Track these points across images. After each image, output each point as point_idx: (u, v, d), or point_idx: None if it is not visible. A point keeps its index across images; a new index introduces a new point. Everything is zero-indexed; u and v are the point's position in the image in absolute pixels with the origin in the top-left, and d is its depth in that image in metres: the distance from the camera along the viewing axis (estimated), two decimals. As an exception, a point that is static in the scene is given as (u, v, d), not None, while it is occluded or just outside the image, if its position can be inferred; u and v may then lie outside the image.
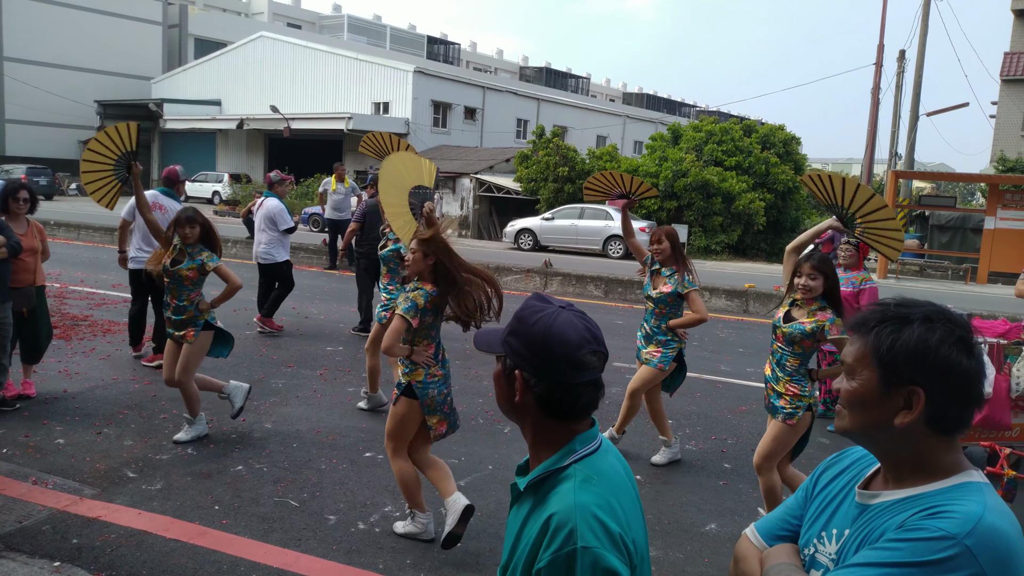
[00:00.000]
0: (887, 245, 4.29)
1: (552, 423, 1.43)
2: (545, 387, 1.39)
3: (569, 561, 1.25)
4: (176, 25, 45.03)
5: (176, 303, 5.15)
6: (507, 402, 1.47)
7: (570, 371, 1.39)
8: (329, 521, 4.14)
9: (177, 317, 5.15)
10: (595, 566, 1.25)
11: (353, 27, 58.02)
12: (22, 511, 4.05)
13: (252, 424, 5.61)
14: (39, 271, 6.01)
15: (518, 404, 1.44)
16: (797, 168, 25.66)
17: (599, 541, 1.27)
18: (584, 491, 1.33)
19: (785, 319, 4.02)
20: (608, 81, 77.80)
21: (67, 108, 38.64)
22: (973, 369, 1.26)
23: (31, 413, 5.57)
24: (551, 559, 1.27)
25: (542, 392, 1.40)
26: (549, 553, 1.27)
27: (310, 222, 23.29)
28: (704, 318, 5.03)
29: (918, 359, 1.25)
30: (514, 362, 1.43)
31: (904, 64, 22.77)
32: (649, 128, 42.11)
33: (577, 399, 1.40)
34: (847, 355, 1.35)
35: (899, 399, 1.27)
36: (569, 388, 1.39)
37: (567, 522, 1.28)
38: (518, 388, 1.42)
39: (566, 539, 1.27)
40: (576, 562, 1.25)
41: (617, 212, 20.71)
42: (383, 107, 32.48)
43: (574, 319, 1.42)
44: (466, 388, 6.86)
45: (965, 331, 1.27)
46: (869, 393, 1.30)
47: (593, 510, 1.30)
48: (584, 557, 1.25)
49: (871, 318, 1.32)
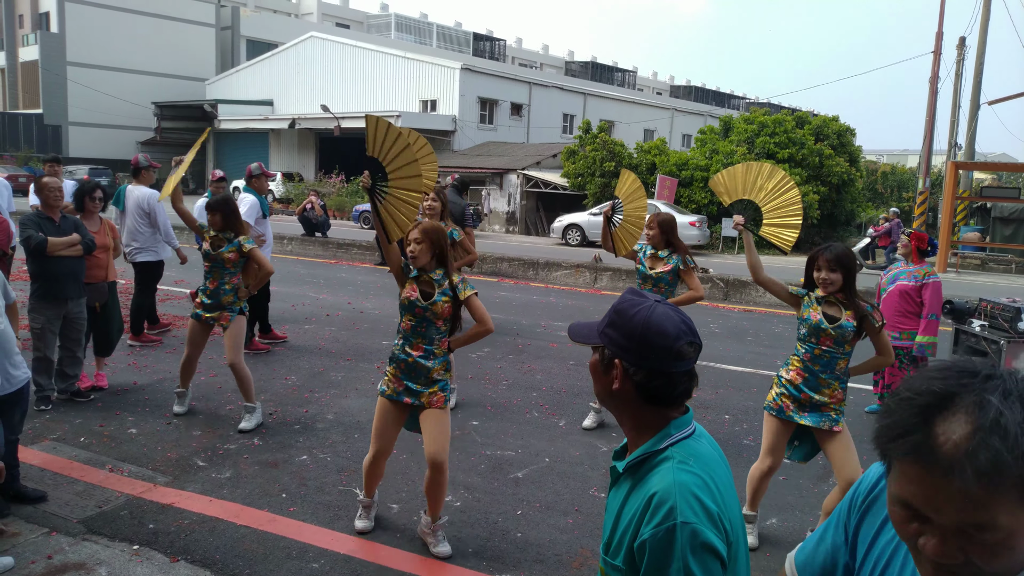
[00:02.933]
0: (780, 236, 4.41)
1: (650, 409, 1.49)
2: (644, 375, 1.46)
3: (669, 536, 1.31)
4: (228, 27, 46.01)
5: (216, 286, 5.40)
6: (605, 390, 1.53)
7: (669, 360, 1.45)
8: (392, 510, 4.23)
9: (213, 301, 5.41)
10: (694, 540, 1.30)
11: (400, 25, 58.55)
12: (101, 497, 4.23)
13: (315, 415, 5.75)
14: (111, 267, 6.25)
15: (616, 392, 1.50)
16: (852, 160, 25.09)
17: (697, 517, 1.33)
18: (682, 471, 1.39)
19: (829, 320, 3.74)
20: (655, 74, 77.08)
21: (126, 110, 39.84)
22: None
23: (104, 404, 5.80)
24: (652, 534, 1.33)
25: (641, 380, 1.46)
26: (650, 528, 1.34)
27: (360, 219, 23.60)
28: (700, 295, 5.25)
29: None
30: (613, 352, 1.50)
31: (964, 51, 22.06)
32: (697, 121, 41.61)
33: (675, 387, 1.47)
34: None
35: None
36: (668, 376, 1.46)
37: (667, 499, 1.34)
38: (617, 376, 1.49)
39: (666, 515, 1.33)
40: (676, 536, 1.31)
41: (668, 206, 20.53)
42: (430, 105, 32.71)
43: (670, 312, 1.49)
44: (520, 382, 6.91)
45: None
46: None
47: (692, 488, 1.36)
48: (683, 532, 1.31)
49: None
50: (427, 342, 3.69)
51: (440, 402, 3.74)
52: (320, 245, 16.86)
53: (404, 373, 3.71)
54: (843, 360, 3.78)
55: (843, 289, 3.72)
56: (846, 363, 3.80)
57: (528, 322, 9.76)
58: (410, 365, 3.69)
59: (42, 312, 5.48)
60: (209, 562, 3.59)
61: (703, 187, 22.52)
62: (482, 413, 5.98)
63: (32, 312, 5.49)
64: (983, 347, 5.16)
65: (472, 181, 19.67)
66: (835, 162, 23.63)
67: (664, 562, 1.31)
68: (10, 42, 42.78)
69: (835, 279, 3.69)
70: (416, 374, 3.70)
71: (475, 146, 31.00)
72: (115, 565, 3.53)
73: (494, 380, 6.93)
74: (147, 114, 39.61)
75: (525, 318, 10.04)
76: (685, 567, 1.30)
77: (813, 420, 3.76)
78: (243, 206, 7.45)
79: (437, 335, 3.71)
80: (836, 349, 3.75)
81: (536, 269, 14.36)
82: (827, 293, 3.77)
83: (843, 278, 3.70)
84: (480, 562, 3.72)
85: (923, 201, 20.80)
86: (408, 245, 3.67)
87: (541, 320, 9.94)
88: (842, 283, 3.71)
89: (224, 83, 40.86)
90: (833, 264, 3.69)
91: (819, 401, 3.74)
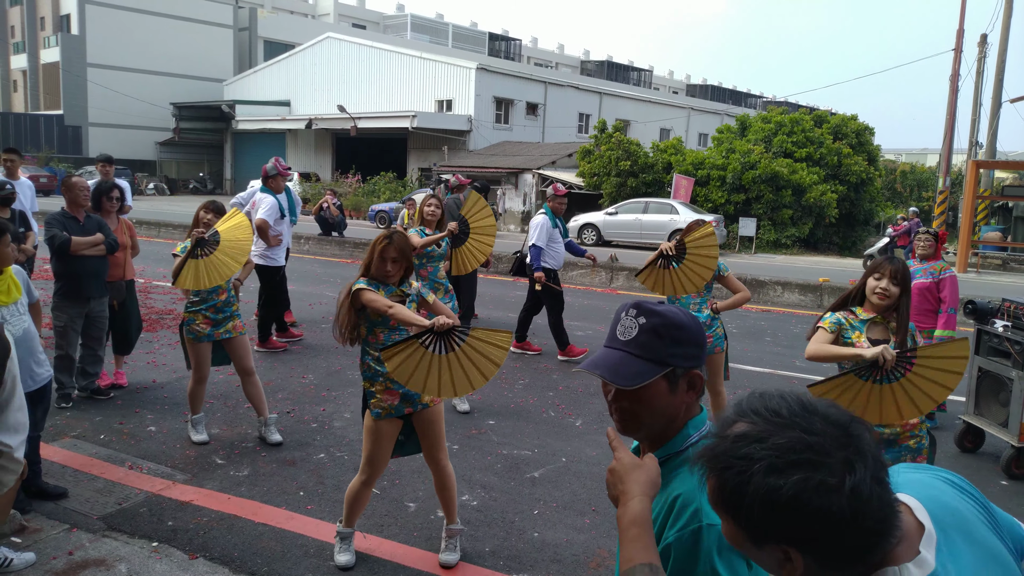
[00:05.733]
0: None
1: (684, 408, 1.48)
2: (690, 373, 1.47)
3: (695, 538, 1.30)
4: (246, 28, 46.30)
5: (226, 296, 5.05)
6: (667, 409, 1.45)
7: (703, 353, 1.49)
8: (409, 508, 4.23)
9: (224, 312, 5.03)
10: (720, 542, 1.28)
11: (416, 26, 58.65)
12: (121, 494, 4.26)
13: (331, 414, 5.77)
14: (128, 266, 6.30)
15: (677, 403, 1.46)
16: (870, 159, 24.89)
17: None
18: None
19: (875, 345, 3.28)
20: (671, 73, 76.73)
21: (144, 111, 40.18)
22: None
23: (124, 402, 5.85)
24: (677, 536, 1.31)
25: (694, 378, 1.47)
26: (675, 531, 1.32)
27: (376, 219, 23.67)
28: (748, 296, 5.40)
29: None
30: (691, 364, 1.45)
31: (986, 49, 21.78)
32: (714, 120, 41.41)
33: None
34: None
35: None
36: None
37: (692, 501, 1.32)
38: (688, 387, 1.47)
39: (692, 517, 1.31)
40: (702, 538, 1.29)
41: (684, 206, 20.46)
42: (446, 104, 32.75)
43: (679, 311, 1.49)
44: (536, 382, 6.90)
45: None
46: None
47: None
48: (710, 534, 1.29)
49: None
50: None
51: (438, 400, 3.61)
52: (337, 244, 16.93)
53: (396, 383, 3.45)
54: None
55: (896, 308, 3.40)
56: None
57: (544, 322, 9.73)
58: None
59: (65, 311, 5.53)
60: (227, 559, 3.61)
61: (720, 186, 22.41)
62: (498, 412, 5.98)
63: (55, 310, 5.55)
64: (1006, 348, 5.09)
65: (488, 181, 19.70)
66: (853, 161, 23.45)
67: (690, 564, 1.29)
68: (32, 44, 43.29)
69: (894, 292, 3.35)
70: None
71: (490, 146, 31.00)
72: (135, 562, 3.56)
73: (510, 380, 6.92)
74: (165, 115, 39.94)
75: (540, 318, 10.00)
76: (712, 569, 1.28)
77: (890, 455, 3.49)
78: (262, 207, 7.41)
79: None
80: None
81: (552, 269, 14.31)
82: (879, 305, 3.40)
83: (899, 296, 3.38)
84: (497, 561, 3.71)
85: (943, 200, 20.56)
86: (385, 265, 3.50)
87: (557, 320, 9.89)
88: (897, 301, 3.39)
89: (241, 84, 41.12)
90: (897, 277, 3.34)
91: (895, 432, 3.37)
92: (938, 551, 1.03)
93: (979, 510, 1.13)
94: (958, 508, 1.09)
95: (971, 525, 1.08)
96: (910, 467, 1.21)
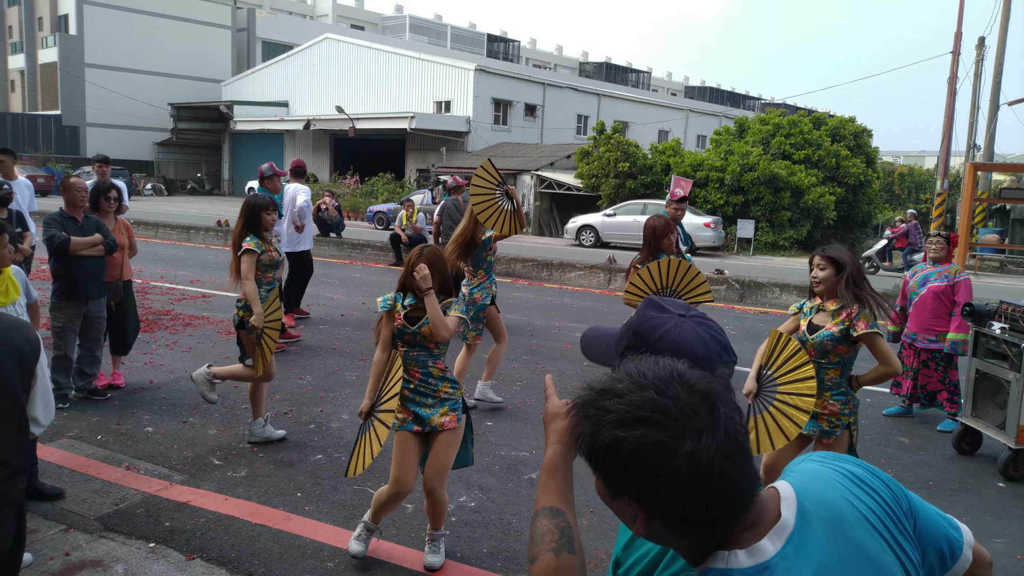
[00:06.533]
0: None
1: None
2: None
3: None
4: (244, 29, 46.29)
5: (267, 291, 5.23)
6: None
7: None
8: (407, 510, 4.22)
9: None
10: None
11: (415, 27, 58.67)
12: (118, 495, 4.25)
13: (329, 415, 5.76)
14: (126, 266, 6.29)
15: None
16: (869, 161, 24.92)
17: None
18: None
19: (810, 330, 3.69)
20: (670, 74, 76.84)
21: (142, 111, 40.13)
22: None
23: (121, 402, 5.84)
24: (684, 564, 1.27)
25: None
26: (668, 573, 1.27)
27: (374, 220, 23.66)
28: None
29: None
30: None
31: (984, 51, 21.82)
32: (712, 122, 41.43)
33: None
34: None
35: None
36: None
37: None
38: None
39: (684, 567, 1.24)
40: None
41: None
42: (445, 106, 32.77)
43: (699, 330, 1.30)
44: (534, 383, 6.90)
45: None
46: None
47: None
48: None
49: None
50: (421, 366, 3.56)
51: (452, 423, 3.55)
52: (335, 245, 16.93)
53: (410, 401, 3.55)
54: (831, 370, 3.69)
55: (838, 288, 3.60)
56: (836, 373, 3.70)
57: (542, 323, 9.75)
58: (412, 391, 3.56)
59: (63, 311, 5.53)
60: (224, 560, 3.61)
61: (718, 187, 22.43)
62: (496, 414, 5.98)
63: (53, 311, 5.54)
64: (1003, 350, 5.10)
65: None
66: (852, 163, 23.48)
67: None
68: (30, 44, 43.25)
69: (823, 276, 3.63)
70: (422, 397, 3.56)
71: (489, 147, 31.01)
72: (132, 562, 3.55)
73: (508, 381, 6.92)
74: (164, 115, 39.92)
75: (539, 319, 10.02)
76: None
77: (807, 427, 3.75)
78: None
79: (430, 357, 3.58)
80: (820, 359, 3.67)
81: (550, 270, 14.34)
82: (818, 292, 3.70)
83: (834, 274, 3.60)
84: (495, 562, 3.71)
85: (941, 203, 20.59)
86: (420, 273, 3.50)
87: (555, 321, 9.92)
88: (833, 280, 3.60)
89: (240, 84, 41.11)
90: (823, 261, 3.63)
91: (815, 411, 3.71)
92: (787, 543, 1.02)
93: (879, 509, 1.09)
94: (837, 504, 1.07)
95: (847, 523, 1.05)
96: (816, 456, 1.19)
